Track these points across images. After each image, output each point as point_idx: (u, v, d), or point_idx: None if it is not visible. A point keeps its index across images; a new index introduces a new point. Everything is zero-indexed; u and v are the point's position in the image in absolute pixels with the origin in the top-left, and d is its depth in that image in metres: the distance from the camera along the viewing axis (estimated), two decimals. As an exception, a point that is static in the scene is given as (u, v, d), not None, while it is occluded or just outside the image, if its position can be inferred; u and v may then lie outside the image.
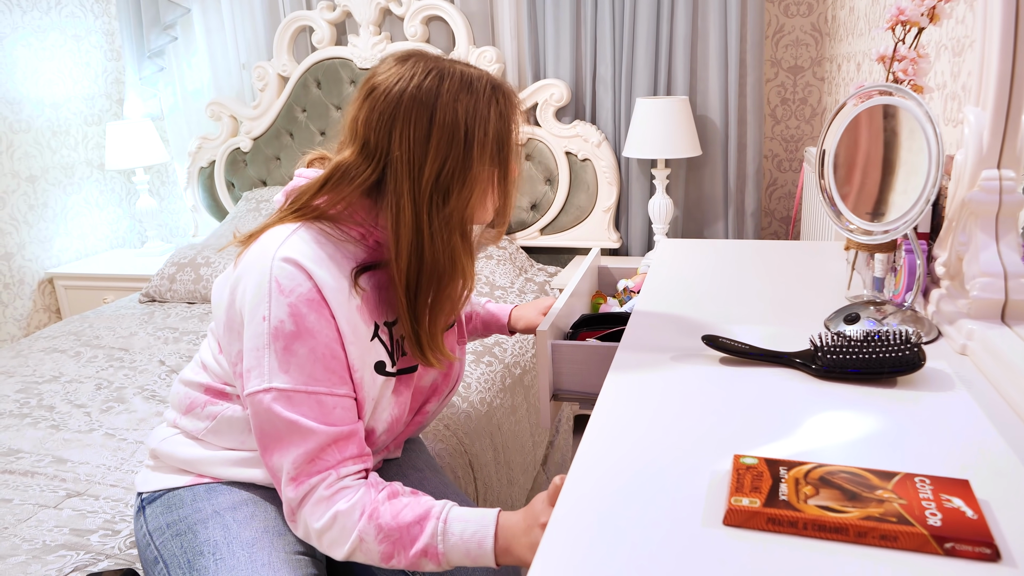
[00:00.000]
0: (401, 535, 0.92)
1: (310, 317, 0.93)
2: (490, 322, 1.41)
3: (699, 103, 2.64)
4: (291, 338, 0.93)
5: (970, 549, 0.60)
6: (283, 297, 0.93)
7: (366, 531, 0.92)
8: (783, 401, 0.89)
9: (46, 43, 3.00)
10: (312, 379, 0.94)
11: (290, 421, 0.93)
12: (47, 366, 2.05)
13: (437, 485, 1.21)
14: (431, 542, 0.92)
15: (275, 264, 0.95)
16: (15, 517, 1.34)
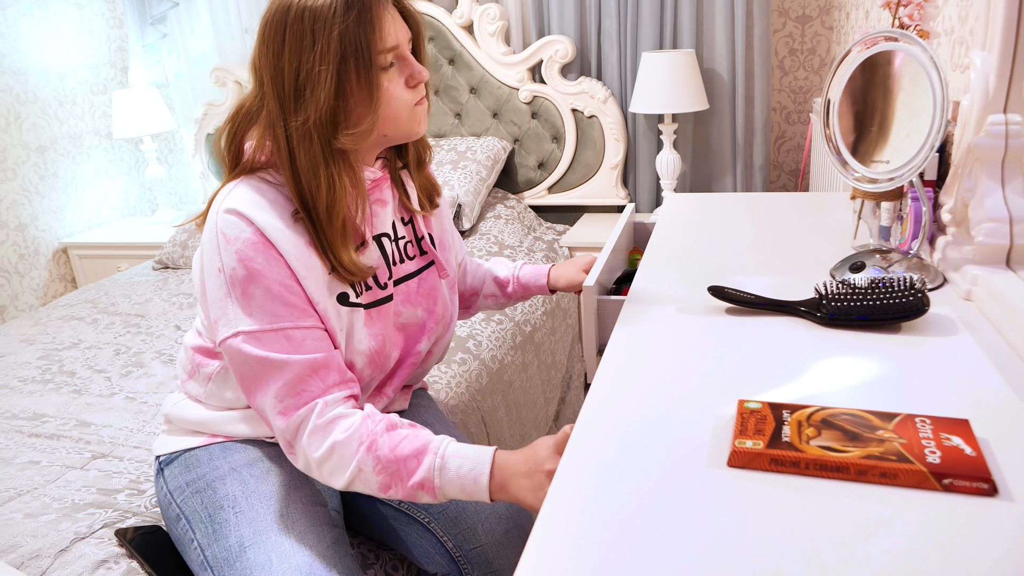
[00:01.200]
0: (399, 467, 0.95)
1: (258, 259, 0.96)
2: (529, 284, 1.39)
3: (705, 56, 2.61)
4: (246, 282, 0.97)
5: (968, 484, 0.62)
6: (230, 246, 0.97)
7: (364, 461, 0.95)
8: (788, 348, 0.91)
9: (48, 12, 2.99)
10: (275, 316, 0.97)
11: (262, 358, 0.96)
12: (66, 333, 2.09)
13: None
14: (428, 476, 0.94)
15: (219, 217, 0.98)
16: (44, 478, 1.38)
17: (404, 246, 1.16)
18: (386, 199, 1.13)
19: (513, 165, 2.81)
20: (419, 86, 1.04)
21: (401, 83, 1.02)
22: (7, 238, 2.87)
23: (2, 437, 1.54)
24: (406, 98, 1.02)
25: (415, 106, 1.04)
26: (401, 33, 1.01)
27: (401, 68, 1.02)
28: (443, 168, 2.61)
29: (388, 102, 1.00)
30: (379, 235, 1.11)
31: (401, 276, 1.15)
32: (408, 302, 1.15)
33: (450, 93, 2.81)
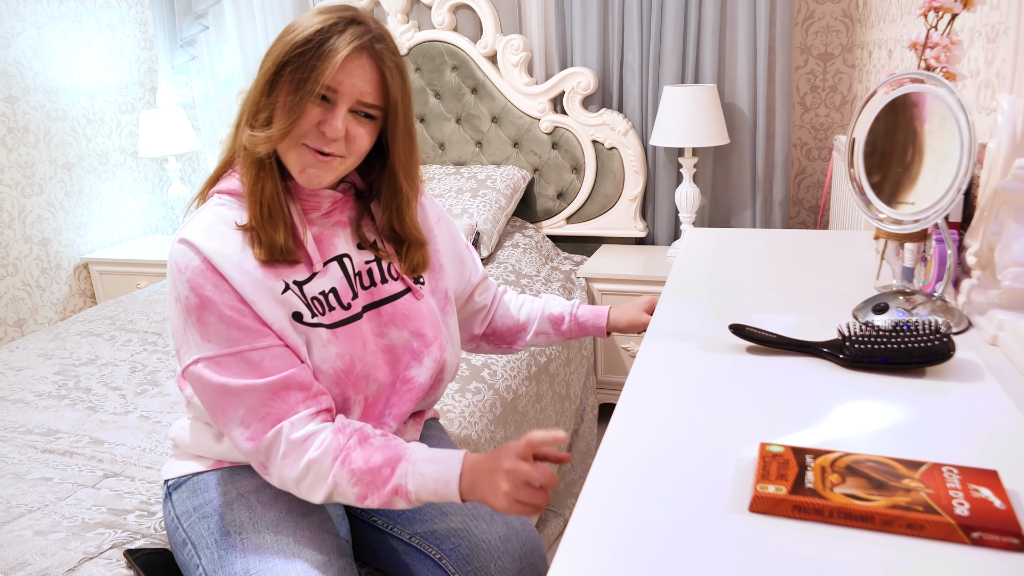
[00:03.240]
0: (373, 478, 0.98)
1: (207, 287, 1.00)
2: (587, 324, 1.38)
3: (727, 91, 2.62)
4: (199, 309, 1.00)
5: (997, 539, 0.61)
6: (181, 275, 1.00)
7: (339, 476, 0.98)
8: (810, 390, 0.89)
9: (82, 32, 3.06)
10: (231, 340, 1.00)
11: (222, 385, 0.99)
12: (84, 349, 2.10)
13: None
14: (401, 483, 0.97)
15: (174, 248, 1.03)
16: (55, 495, 1.38)
17: (386, 267, 1.16)
18: (346, 222, 1.15)
19: (532, 194, 2.82)
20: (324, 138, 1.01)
21: (311, 120, 1.01)
22: (30, 252, 2.91)
23: (16, 452, 1.54)
24: (299, 132, 1.01)
25: (307, 151, 1.02)
26: (355, 88, 1.01)
27: (322, 109, 1.01)
28: (463, 195, 2.62)
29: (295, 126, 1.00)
30: (340, 255, 1.12)
31: (380, 298, 1.14)
32: (392, 324, 1.14)
33: (472, 122, 2.83)
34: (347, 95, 1.01)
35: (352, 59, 1.00)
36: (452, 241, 1.30)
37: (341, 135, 1.01)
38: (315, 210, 1.12)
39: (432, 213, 1.27)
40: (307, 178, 1.05)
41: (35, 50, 2.88)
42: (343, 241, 1.13)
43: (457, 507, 1.16)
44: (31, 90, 2.87)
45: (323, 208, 1.12)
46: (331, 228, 1.13)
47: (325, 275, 1.09)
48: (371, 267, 1.15)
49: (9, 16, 2.78)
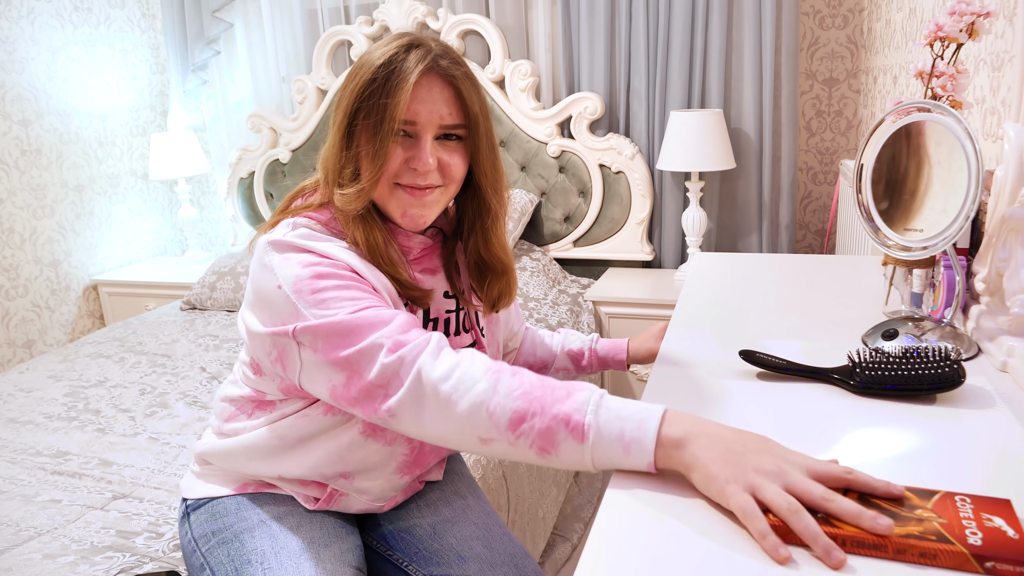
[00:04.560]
0: (544, 394, 0.79)
1: (323, 263, 0.93)
2: (607, 357, 1.34)
3: (733, 115, 2.64)
4: (312, 280, 0.91)
5: (1011, 569, 0.60)
6: (286, 261, 0.93)
7: (501, 380, 0.81)
8: (821, 417, 0.89)
9: (95, 57, 3.10)
10: (356, 300, 0.91)
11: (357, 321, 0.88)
12: (93, 371, 2.11)
13: (480, 515, 1.19)
14: (580, 408, 0.77)
15: (266, 249, 0.96)
16: (64, 518, 1.38)
17: (462, 319, 1.14)
18: (435, 268, 1.12)
19: (539, 218, 2.83)
20: (415, 173, 0.99)
21: (399, 160, 0.98)
22: (40, 273, 2.93)
23: (25, 474, 1.55)
24: (390, 175, 0.99)
25: (403, 191, 1.00)
26: (434, 113, 0.98)
27: (406, 146, 0.99)
28: (470, 218, 2.63)
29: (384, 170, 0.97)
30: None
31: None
32: None
33: (479, 145, 2.85)
34: (428, 123, 0.98)
35: (422, 85, 0.96)
36: None
37: (433, 167, 0.98)
38: (407, 254, 1.09)
39: None
40: (410, 220, 1.02)
41: (49, 74, 2.92)
42: (429, 287, 1.10)
43: (477, 553, 1.11)
44: (44, 113, 2.91)
45: (413, 254, 1.09)
46: (419, 274, 1.11)
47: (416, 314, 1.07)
48: (450, 317, 1.13)
49: (24, 41, 2.82)
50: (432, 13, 2.85)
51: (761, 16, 2.49)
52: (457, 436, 0.83)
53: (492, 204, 1.07)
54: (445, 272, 1.13)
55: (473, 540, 1.13)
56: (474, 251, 1.11)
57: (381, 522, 1.20)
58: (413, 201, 1.00)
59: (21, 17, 2.81)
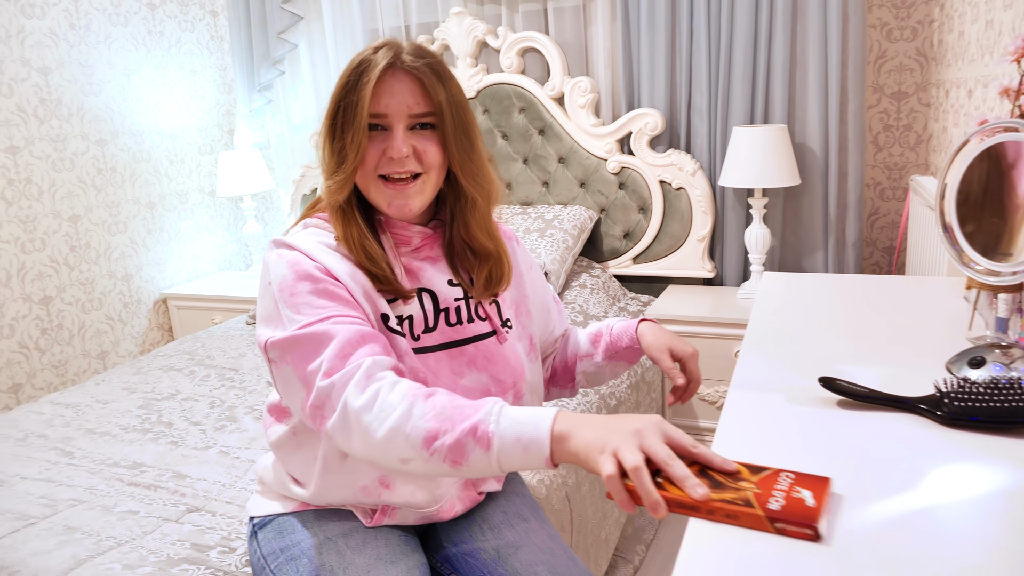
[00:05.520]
0: (454, 413, 0.88)
1: (304, 263, 1.04)
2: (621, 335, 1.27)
3: (797, 131, 2.59)
4: (294, 281, 1.02)
5: (795, 529, 0.71)
6: (279, 258, 1.05)
7: (415, 405, 0.89)
8: (908, 449, 0.87)
9: (166, 78, 3.21)
10: (322, 308, 1.00)
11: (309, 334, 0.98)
12: (165, 384, 2.18)
13: (544, 539, 1.19)
14: (483, 418, 0.86)
15: (268, 249, 1.09)
16: (142, 529, 1.42)
17: (474, 306, 1.16)
18: (436, 257, 1.16)
19: (599, 234, 2.82)
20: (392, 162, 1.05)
21: (376, 152, 1.06)
22: (114, 287, 3.03)
23: (104, 484, 1.60)
24: (372, 166, 1.06)
25: (384, 185, 1.07)
26: (402, 104, 1.05)
27: (382, 139, 1.06)
28: (530, 236, 2.64)
29: (362, 167, 1.06)
30: (425, 288, 1.13)
31: (463, 337, 1.13)
32: (473, 365, 1.13)
33: (539, 162, 2.86)
34: (397, 114, 1.05)
35: (387, 79, 1.04)
36: (542, 291, 1.31)
37: (404, 153, 1.05)
38: (405, 245, 1.14)
39: (524, 259, 1.28)
40: (396, 210, 1.09)
41: (124, 95, 3.03)
42: (431, 275, 1.14)
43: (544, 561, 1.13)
44: (119, 133, 3.02)
45: (413, 243, 1.14)
46: (420, 262, 1.14)
47: (408, 304, 1.11)
48: (459, 305, 1.14)
49: (102, 64, 2.94)
50: (492, 31, 2.87)
51: (827, 30, 2.45)
52: (381, 458, 0.92)
53: (467, 190, 1.12)
54: (448, 261, 1.17)
55: (538, 565, 1.13)
56: (458, 237, 1.16)
57: (445, 544, 1.20)
58: (396, 193, 1.07)
59: (99, 42, 2.93)
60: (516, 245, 1.28)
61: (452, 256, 1.17)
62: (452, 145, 1.09)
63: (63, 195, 2.82)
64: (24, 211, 2.69)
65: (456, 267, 1.17)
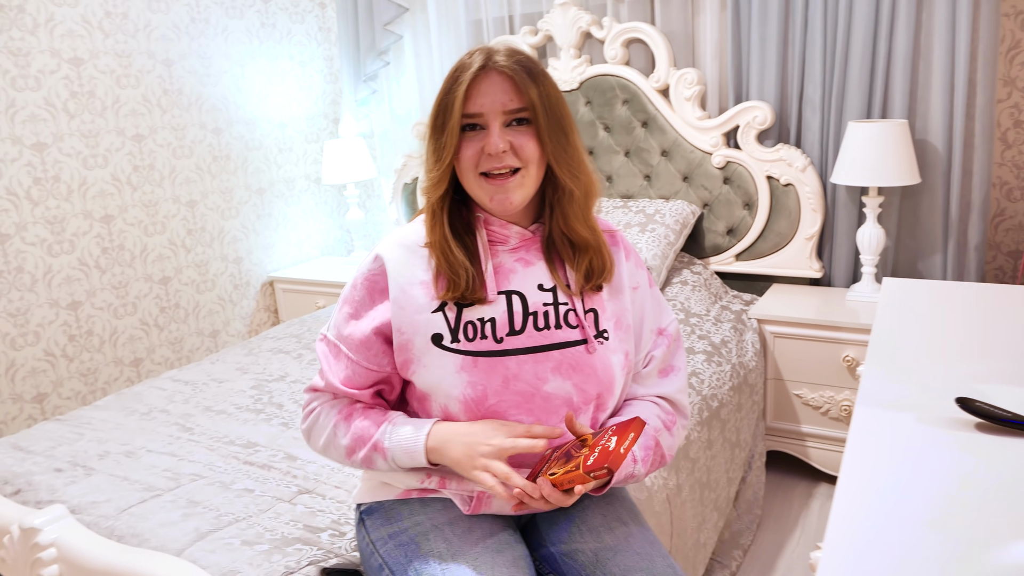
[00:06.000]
0: (363, 432, 1.16)
1: (366, 301, 1.19)
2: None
3: (919, 126, 2.46)
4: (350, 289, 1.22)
5: (600, 472, 0.91)
6: (362, 265, 1.22)
7: (338, 427, 1.19)
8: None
9: (277, 68, 3.32)
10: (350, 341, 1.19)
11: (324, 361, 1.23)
12: (275, 365, 2.27)
13: (643, 544, 1.18)
14: (380, 437, 1.14)
15: (378, 245, 1.22)
16: (257, 507, 1.49)
17: (563, 313, 1.16)
18: (531, 259, 1.18)
19: (701, 230, 2.76)
20: (491, 158, 1.10)
21: (475, 150, 1.11)
22: (226, 269, 3.18)
23: (222, 462, 1.68)
24: (471, 164, 1.12)
25: (484, 180, 1.12)
26: (496, 103, 1.10)
27: (481, 136, 1.11)
28: (631, 230, 2.61)
29: (459, 162, 1.12)
30: (514, 291, 1.15)
31: (550, 343, 1.14)
32: (558, 371, 1.14)
33: (641, 155, 2.82)
34: (492, 112, 1.11)
35: (481, 81, 1.10)
36: (642, 314, 1.25)
37: (502, 148, 1.10)
38: (502, 243, 1.18)
39: (630, 278, 1.25)
40: (497, 204, 1.14)
41: (238, 86, 3.16)
42: (522, 278, 1.16)
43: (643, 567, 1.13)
44: (233, 122, 3.15)
45: (510, 244, 1.18)
46: (513, 263, 1.17)
47: (492, 305, 1.14)
48: (548, 309, 1.16)
49: (219, 56, 3.07)
50: (596, 22, 2.84)
51: (955, 18, 2.31)
52: (320, 454, 1.26)
53: (564, 182, 1.15)
54: (547, 261, 1.19)
55: (636, 571, 1.12)
56: (557, 230, 1.19)
57: (545, 542, 1.21)
58: (497, 188, 1.12)
59: (217, 34, 3.06)
60: (625, 259, 1.25)
61: (550, 253, 1.19)
62: (547, 139, 1.12)
63: (182, 181, 2.97)
64: (147, 196, 2.85)
65: (554, 265, 1.18)
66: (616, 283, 1.23)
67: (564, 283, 1.18)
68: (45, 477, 1.63)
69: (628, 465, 1.14)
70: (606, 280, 1.20)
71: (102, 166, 2.69)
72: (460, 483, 1.18)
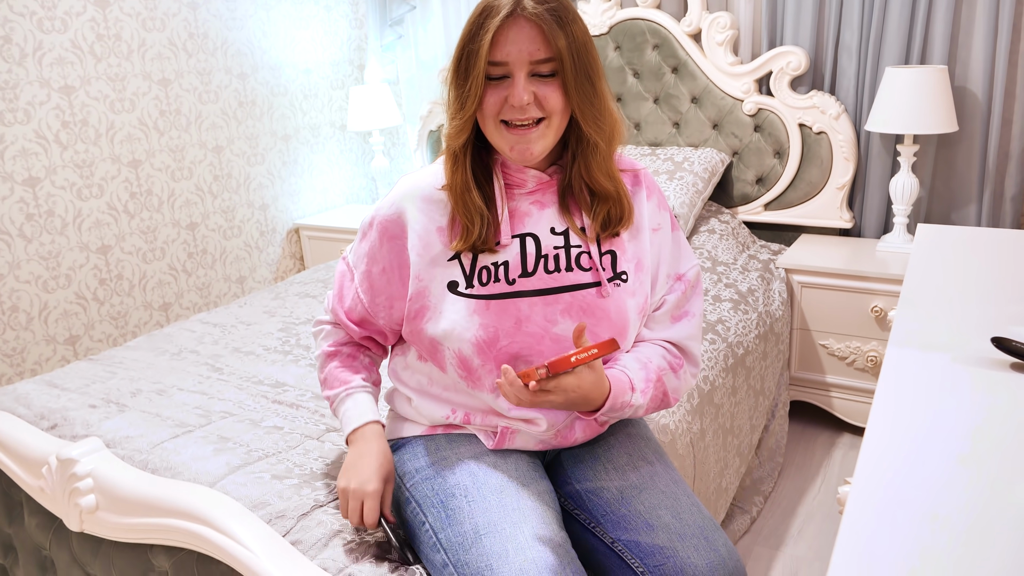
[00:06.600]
0: (329, 379, 1.28)
1: (384, 219, 1.20)
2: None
3: (958, 73, 2.39)
4: (365, 229, 1.24)
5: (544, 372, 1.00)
6: (383, 199, 1.22)
7: (321, 359, 1.30)
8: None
9: (302, 13, 3.28)
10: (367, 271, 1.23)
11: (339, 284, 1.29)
12: (301, 309, 2.29)
13: (668, 483, 1.19)
14: (332, 397, 1.27)
15: (400, 182, 1.23)
16: (287, 443, 1.51)
17: (575, 256, 1.15)
18: (546, 203, 1.17)
19: (729, 179, 2.72)
20: (514, 108, 1.07)
21: (498, 99, 1.08)
22: (252, 216, 3.19)
23: (251, 400, 1.71)
24: (493, 112, 1.08)
25: (505, 128, 1.09)
26: (522, 52, 1.05)
27: (505, 85, 1.07)
28: (659, 177, 2.58)
29: (481, 110, 1.09)
30: (527, 233, 1.15)
31: (559, 285, 1.14)
32: (568, 314, 1.14)
33: (670, 102, 2.77)
34: (518, 62, 1.06)
35: (508, 28, 1.05)
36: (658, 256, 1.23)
37: (526, 101, 1.06)
38: (519, 187, 1.17)
39: (651, 218, 1.23)
40: (518, 154, 1.11)
41: (263, 30, 3.13)
42: (536, 220, 1.16)
43: (665, 523, 1.12)
44: (259, 67, 3.13)
45: (527, 187, 1.17)
46: (528, 206, 1.17)
47: (505, 248, 1.15)
48: (559, 252, 1.16)
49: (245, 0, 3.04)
50: (628, -36, 2.77)
51: (1003, -41, 2.22)
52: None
53: (589, 133, 1.12)
54: (561, 205, 1.17)
55: (661, 509, 1.13)
56: (578, 177, 1.16)
57: (570, 479, 1.22)
58: (519, 138, 1.09)
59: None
60: (646, 199, 1.23)
61: (566, 199, 1.18)
62: (573, 90, 1.09)
63: (208, 127, 2.97)
64: (174, 141, 2.85)
65: (570, 211, 1.18)
66: (636, 224, 1.21)
67: (578, 227, 1.17)
68: (80, 413, 1.66)
69: (625, 391, 1.11)
70: (624, 228, 1.19)
71: (129, 110, 2.70)
72: (484, 418, 1.19)
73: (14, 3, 2.36)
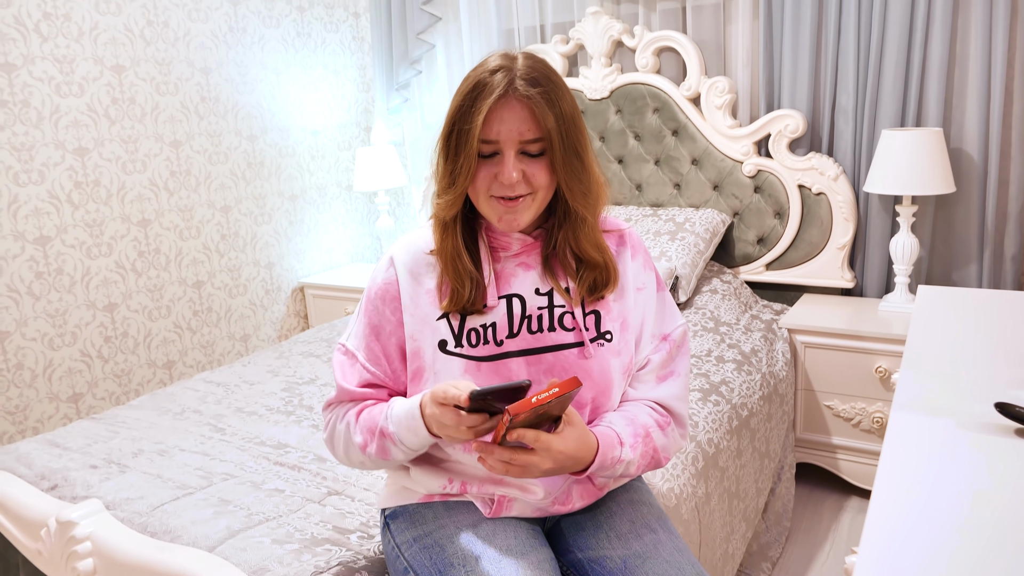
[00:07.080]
0: (370, 424, 1.16)
1: (382, 309, 1.21)
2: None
3: (953, 135, 2.43)
4: (364, 300, 1.23)
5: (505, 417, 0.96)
6: (376, 279, 1.23)
7: (350, 425, 1.19)
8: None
9: (311, 77, 3.37)
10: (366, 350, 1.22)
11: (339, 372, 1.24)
12: (305, 369, 2.29)
13: (672, 551, 1.17)
14: (384, 424, 1.14)
15: (390, 249, 1.24)
16: (288, 507, 1.50)
17: (558, 317, 1.17)
18: (531, 264, 1.20)
19: (731, 239, 2.75)
20: (502, 185, 1.09)
21: (488, 175, 1.10)
22: (258, 275, 3.22)
23: (253, 462, 1.70)
24: (484, 188, 1.11)
25: (496, 201, 1.12)
26: (512, 132, 1.07)
27: (495, 162, 1.10)
28: (661, 238, 2.60)
29: (472, 185, 1.12)
30: (513, 294, 1.17)
31: (542, 346, 1.16)
32: (551, 374, 1.15)
33: (671, 164, 2.82)
34: (508, 141, 1.08)
35: (500, 108, 1.07)
36: (643, 317, 1.24)
37: (515, 180, 1.09)
38: (504, 250, 1.20)
39: (635, 279, 1.24)
40: (506, 224, 1.14)
41: (273, 94, 3.21)
42: (521, 282, 1.19)
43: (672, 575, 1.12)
44: (268, 129, 3.20)
45: (512, 250, 1.20)
46: (514, 268, 1.19)
47: (493, 310, 1.16)
48: (542, 313, 1.17)
49: (255, 65, 3.12)
50: (628, 31, 2.85)
51: (992, 25, 2.28)
52: (347, 464, 1.25)
53: (576, 208, 1.15)
54: (545, 268, 1.19)
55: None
56: (564, 243, 1.19)
57: (572, 547, 1.21)
58: (506, 209, 1.12)
59: (253, 43, 3.11)
60: (631, 259, 1.24)
61: (551, 260, 1.20)
62: (560, 168, 1.12)
63: (217, 187, 3.02)
64: (183, 201, 2.90)
65: (554, 272, 1.20)
66: (621, 284, 1.22)
67: (562, 287, 1.19)
68: (81, 473, 1.66)
69: (613, 446, 1.10)
70: (609, 291, 1.20)
71: (140, 171, 2.75)
72: (481, 487, 1.19)
73: (34, 69, 2.43)
